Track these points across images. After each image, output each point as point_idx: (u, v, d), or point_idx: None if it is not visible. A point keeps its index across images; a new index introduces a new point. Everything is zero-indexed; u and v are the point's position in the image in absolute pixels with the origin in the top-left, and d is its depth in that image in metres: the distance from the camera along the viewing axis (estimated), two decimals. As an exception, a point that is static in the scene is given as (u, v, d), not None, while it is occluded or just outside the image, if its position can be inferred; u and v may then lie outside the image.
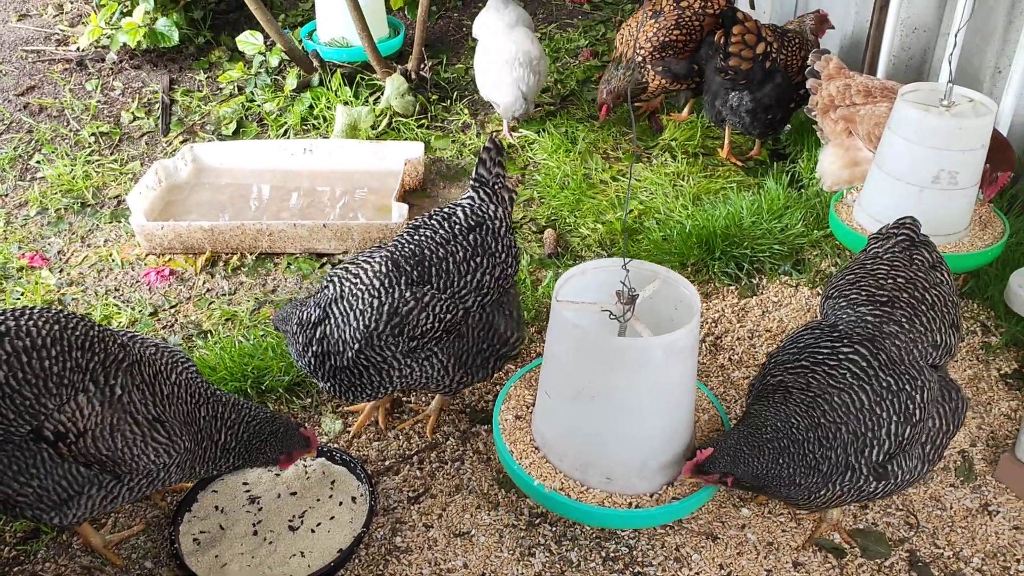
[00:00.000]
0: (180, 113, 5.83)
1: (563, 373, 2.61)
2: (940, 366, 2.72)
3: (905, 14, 4.71)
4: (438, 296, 2.93)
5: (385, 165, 5.04)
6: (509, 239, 3.08)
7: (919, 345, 2.64)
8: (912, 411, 2.53)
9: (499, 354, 3.15)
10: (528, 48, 5.22)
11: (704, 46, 5.10)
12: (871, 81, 4.20)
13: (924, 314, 2.69)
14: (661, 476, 2.68)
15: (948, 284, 2.83)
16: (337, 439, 3.40)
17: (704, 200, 4.70)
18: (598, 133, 5.47)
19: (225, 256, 4.42)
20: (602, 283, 2.72)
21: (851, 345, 2.61)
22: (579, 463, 2.67)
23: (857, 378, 2.54)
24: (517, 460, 2.76)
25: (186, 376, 2.72)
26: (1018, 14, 4.16)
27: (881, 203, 3.65)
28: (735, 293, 4.10)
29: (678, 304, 2.71)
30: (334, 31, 6.10)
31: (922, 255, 2.87)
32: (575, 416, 2.63)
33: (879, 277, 2.78)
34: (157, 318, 4.06)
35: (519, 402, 3.00)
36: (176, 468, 2.67)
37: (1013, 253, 3.93)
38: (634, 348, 2.49)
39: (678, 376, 2.56)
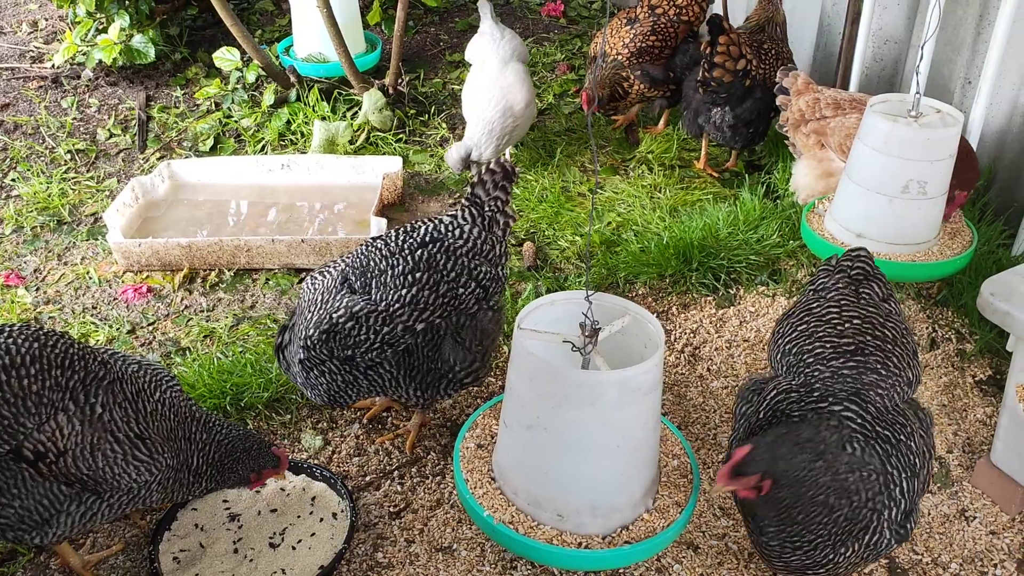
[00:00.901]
0: (157, 130, 5.81)
1: (519, 403, 2.54)
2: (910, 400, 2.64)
3: (876, 26, 4.77)
4: (373, 308, 2.92)
5: (363, 180, 5.05)
6: (475, 264, 3.00)
7: (898, 387, 2.54)
8: (913, 462, 2.41)
9: (447, 378, 3.10)
10: (514, 99, 4.94)
11: (679, 53, 5.18)
12: (839, 94, 4.25)
13: (892, 352, 2.58)
14: (616, 518, 2.59)
15: (899, 314, 2.78)
16: (317, 455, 3.39)
17: (681, 212, 4.74)
18: (575, 146, 5.51)
19: (203, 272, 4.41)
20: (571, 315, 2.64)
21: (839, 402, 2.45)
22: (531, 497, 2.60)
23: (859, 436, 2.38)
24: (471, 490, 2.70)
25: (170, 394, 2.71)
26: (986, 25, 4.24)
27: (851, 213, 3.69)
28: (713, 303, 4.13)
29: (647, 342, 2.64)
30: (311, 47, 6.10)
31: (871, 289, 2.80)
32: (529, 448, 2.56)
33: (834, 323, 2.66)
34: (135, 336, 4.03)
35: (484, 431, 2.94)
36: (157, 486, 2.65)
37: (985, 261, 3.99)
38: (586, 382, 2.41)
39: (634, 416, 2.46)
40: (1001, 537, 3.04)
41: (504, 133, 4.94)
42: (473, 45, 5.27)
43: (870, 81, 4.93)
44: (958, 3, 4.33)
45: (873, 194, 3.58)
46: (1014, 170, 4.34)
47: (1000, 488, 3.14)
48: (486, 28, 5.21)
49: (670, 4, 5.19)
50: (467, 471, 2.77)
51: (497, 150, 4.92)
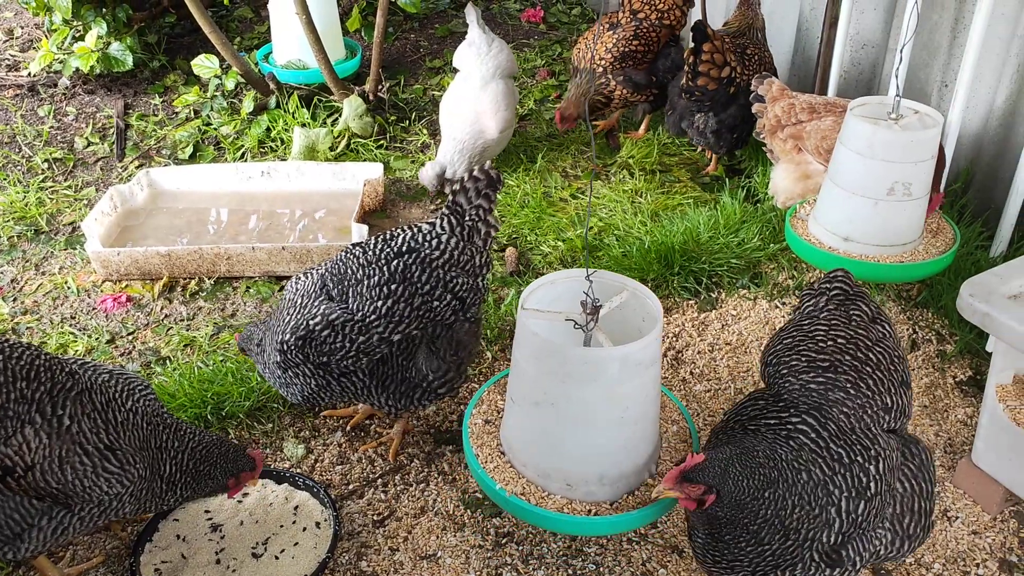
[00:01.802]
0: (135, 138, 5.77)
1: (525, 380, 2.62)
2: (897, 430, 2.58)
3: (854, 30, 4.81)
4: (350, 317, 2.91)
5: (344, 186, 5.03)
6: (452, 275, 2.97)
7: (869, 411, 2.49)
8: (866, 484, 2.36)
9: (421, 389, 3.09)
10: (486, 125, 4.93)
11: (661, 57, 5.20)
12: (814, 98, 4.29)
13: (870, 376, 2.54)
14: (622, 485, 2.68)
15: (892, 338, 2.71)
16: (300, 464, 3.36)
17: (662, 216, 4.75)
18: (556, 152, 5.51)
19: (183, 281, 4.38)
20: (572, 293, 2.72)
21: (798, 415, 2.46)
22: (540, 470, 2.68)
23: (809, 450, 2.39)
24: (482, 464, 2.77)
25: (143, 403, 2.67)
26: (961, 29, 4.28)
27: (838, 217, 3.71)
28: (695, 307, 4.14)
29: (645, 316, 2.72)
30: (290, 53, 6.08)
31: (860, 309, 2.74)
32: (537, 423, 2.64)
33: (818, 340, 2.65)
34: (114, 345, 4.00)
35: (490, 407, 3.00)
36: (130, 497, 2.61)
37: (964, 263, 4.02)
38: (589, 359, 2.49)
39: (636, 389, 2.55)
40: (983, 537, 3.06)
41: (475, 154, 4.98)
42: (460, 53, 5.19)
43: (848, 85, 4.96)
44: (934, 8, 4.37)
45: (859, 198, 3.59)
46: (991, 172, 4.37)
47: (981, 488, 3.16)
48: (474, 37, 5.12)
49: (652, 9, 5.21)
50: (477, 446, 2.84)
51: (469, 168, 4.88)
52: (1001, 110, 4.23)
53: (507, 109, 5.02)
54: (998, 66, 4.17)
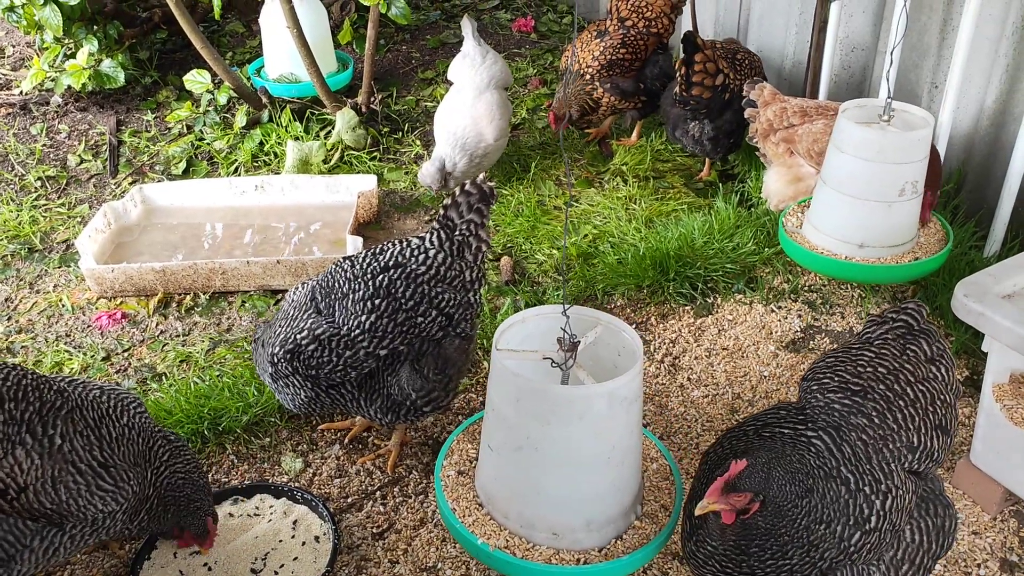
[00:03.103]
0: (128, 154, 5.77)
1: (505, 425, 2.51)
2: (923, 473, 2.48)
3: (843, 34, 4.83)
4: (336, 332, 2.91)
5: (338, 199, 5.03)
6: (438, 291, 2.93)
7: (891, 444, 2.39)
8: (866, 516, 2.28)
9: (406, 406, 3.06)
10: (483, 129, 4.90)
11: (649, 65, 5.22)
12: (806, 102, 4.30)
13: (901, 410, 2.43)
14: (610, 529, 2.59)
15: (943, 381, 2.55)
16: (298, 478, 3.36)
17: (656, 222, 4.75)
18: (550, 160, 5.52)
19: (178, 297, 4.37)
20: (543, 331, 2.63)
21: (815, 430, 2.40)
22: (524, 519, 2.57)
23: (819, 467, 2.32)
24: (460, 519, 2.65)
25: (139, 419, 2.66)
26: (950, 31, 4.29)
27: (851, 225, 3.69)
28: (691, 313, 4.14)
29: (621, 351, 2.63)
30: (282, 67, 6.09)
31: (918, 346, 2.60)
32: (519, 470, 2.53)
33: (859, 364, 2.55)
34: (110, 363, 3.99)
35: (462, 456, 2.88)
36: (123, 515, 2.58)
37: (958, 263, 4.02)
38: (576, 397, 2.39)
39: (623, 425, 2.47)
40: (983, 537, 3.06)
41: (477, 154, 4.90)
42: (454, 65, 5.17)
43: (839, 88, 4.98)
44: (922, 10, 4.39)
45: (873, 203, 3.59)
46: (983, 172, 4.39)
47: (981, 488, 3.15)
48: (468, 49, 5.10)
49: (639, 16, 5.22)
50: (452, 500, 2.71)
51: (471, 163, 4.88)
52: (991, 110, 4.24)
53: (502, 119, 5.03)
54: (987, 67, 4.18)
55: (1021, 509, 3.14)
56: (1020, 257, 3.23)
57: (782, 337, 3.96)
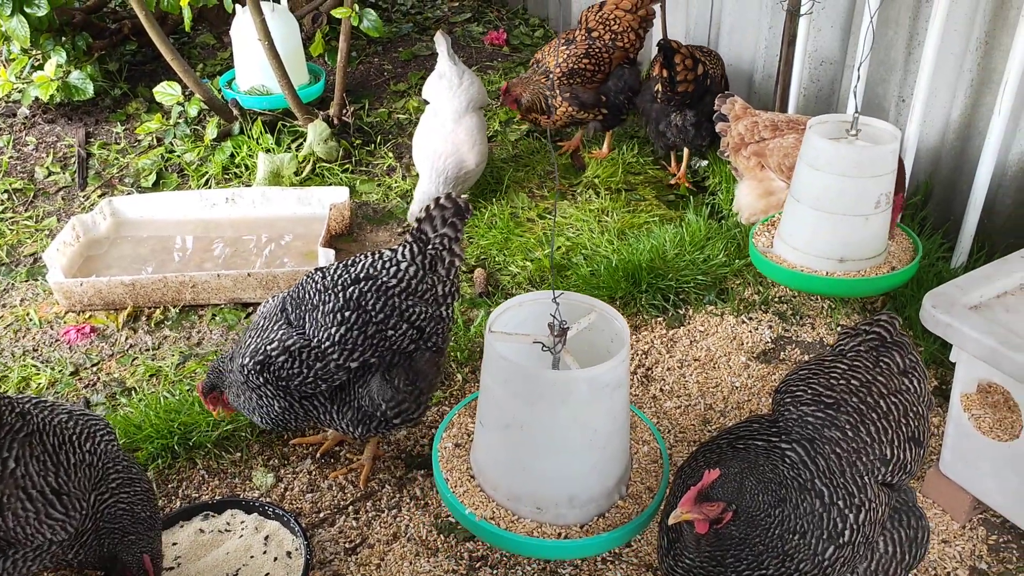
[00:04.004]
0: (97, 166, 5.71)
1: (495, 404, 2.61)
2: (896, 485, 2.49)
3: (812, 48, 4.88)
4: (306, 344, 2.90)
5: (310, 211, 5.01)
6: (408, 304, 2.93)
7: (864, 457, 2.39)
8: (840, 530, 2.29)
9: (376, 418, 3.05)
10: (465, 156, 4.89)
11: (613, 78, 5.28)
12: (777, 116, 4.35)
13: (874, 423, 2.44)
14: (592, 507, 2.67)
15: (916, 393, 2.57)
16: (269, 493, 3.32)
17: (628, 234, 4.77)
18: (523, 172, 5.53)
19: (148, 310, 4.32)
20: (539, 315, 2.71)
21: (788, 442, 2.41)
22: (511, 493, 2.67)
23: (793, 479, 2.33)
24: (452, 488, 2.75)
25: (104, 445, 2.58)
26: (916, 46, 4.36)
27: (830, 241, 3.70)
28: (663, 324, 4.16)
29: (614, 337, 2.71)
30: (253, 79, 6.06)
31: (891, 359, 2.61)
32: (506, 447, 2.63)
33: (832, 377, 2.56)
34: (78, 377, 3.94)
35: (460, 430, 2.97)
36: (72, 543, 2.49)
37: (926, 274, 4.07)
38: (558, 381, 2.48)
39: (605, 410, 2.54)
40: (953, 545, 3.09)
41: (458, 182, 4.93)
42: (430, 85, 5.13)
43: (808, 101, 5.03)
44: (889, 25, 4.45)
45: (851, 217, 3.62)
46: (949, 185, 4.45)
47: (950, 497, 3.19)
48: (444, 68, 5.05)
49: (606, 29, 5.28)
50: (447, 470, 2.81)
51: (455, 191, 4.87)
52: (957, 123, 4.31)
53: (482, 143, 5.04)
54: (952, 81, 4.25)
55: (990, 517, 3.18)
56: (986, 268, 3.28)
57: (753, 348, 3.99)
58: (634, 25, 5.30)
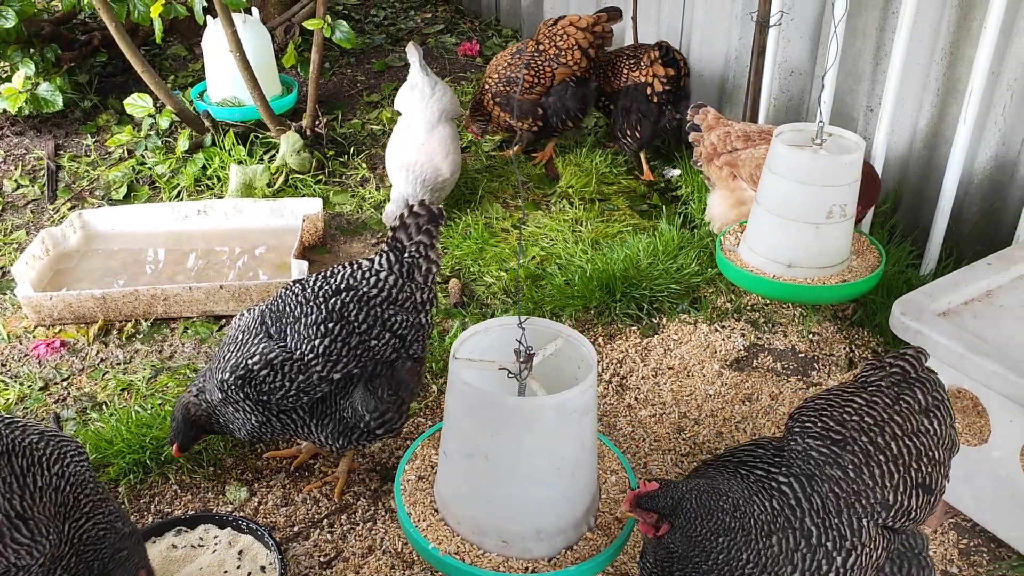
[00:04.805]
0: (67, 179, 5.66)
1: (458, 432, 2.54)
2: (899, 529, 2.39)
3: (782, 58, 4.94)
4: (288, 356, 2.89)
5: (283, 222, 4.99)
6: (390, 313, 2.93)
7: (863, 500, 2.31)
8: (824, 572, 2.24)
9: (359, 429, 3.05)
10: (439, 165, 4.88)
11: (553, 94, 5.37)
12: (749, 126, 4.39)
13: (880, 465, 2.34)
14: (560, 540, 2.59)
15: (935, 435, 2.42)
16: (243, 507, 3.30)
17: (602, 244, 4.79)
18: (497, 183, 5.54)
19: (119, 324, 4.28)
20: (506, 341, 2.63)
21: (787, 476, 2.35)
22: (476, 526, 2.58)
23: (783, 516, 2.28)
24: (414, 522, 2.66)
25: (73, 468, 2.49)
26: (883, 56, 4.42)
27: (780, 244, 3.76)
28: (637, 333, 4.18)
29: (581, 363, 2.65)
30: (225, 91, 6.03)
31: (913, 396, 2.46)
32: (471, 477, 2.55)
33: (847, 411, 2.44)
34: (48, 392, 3.89)
35: (424, 462, 2.90)
36: (38, 568, 2.39)
37: (896, 281, 4.13)
38: (524, 408, 2.41)
39: (572, 438, 2.48)
40: (925, 550, 3.12)
41: (436, 187, 4.91)
42: (402, 96, 5.11)
43: (778, 111, 5.09)
44: (856, 36, 4.52)
45: (800, 224, 3.66)
46: (917, 193, 4.51)
47: (921, 502, 3.22)
48: (416, 79, 5.05)
49: (551, 44, 5.34)
50: (409, 504, 2.73)
51: (431, 198, 4.87)
52: (924, 132, 4.38)
53: (456, 152, 5.04)
54: (919, 91, 4.31)
55: (960, 522, 3.22)
56: (954, 275, 3.33)
57: (726, 356, 4.02)
58: (582, 43, 5.32)
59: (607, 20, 5.40)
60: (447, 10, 8.69)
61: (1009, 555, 3.09)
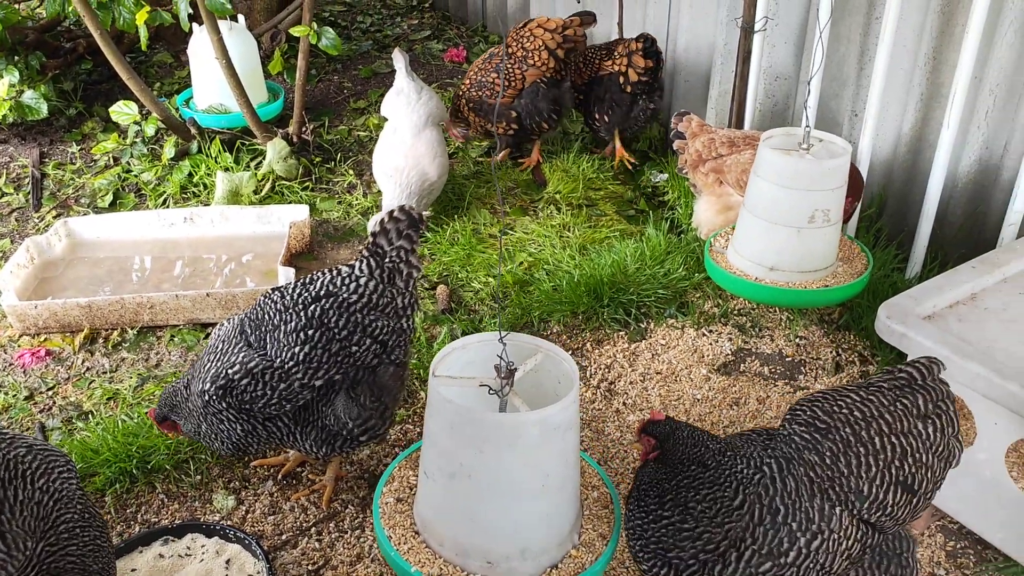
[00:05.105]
0: (52, 187, 5.63)
1: (440, 451, 2.51)
2: (878, 526, 2.41)
3: (767, 63, 4.96)
4: (269, 365, 2.88)
5: (270, 229, 4.97)
6: (371, 319, 2.91)
7: (837, 487, 2.35)
8: (784, 550, 2.31)
9: (342, 436, 3.04)
10: (427, 168, 4.88)
11: (524, 96, 5.39)
12: (733, 132, 4.41)
13: (858, 456, 2.37)
14: (545, 558, 2.58)
15: (927, 439, 2.42)
16: (230, 516, 3.28)
17: (590, 249, 4.80)
18: (484, 189, 5.54)
19: (105, 332, 4.26)
20: (484, 357, 2.63)
21: (769, 457, 2.42)
22: (459, 547, 2.56)
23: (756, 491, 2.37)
24: (395, 546, 2.64)
25: (59, 483, 2.43)
26: (867, 62, 4.45)
27: (762, 247, 3.79)
28: (625, 338, 4.18)
29: (561, 378, 2.65)
30: (211, 98, 6.02)
31: (912, 401, 2.46)
32: (453, 497, 2.53)
33: (839, 404, 2.48)
34: (33, 402, 3.87)
35: (402, 484, 2.87)
36: None
37: (881, 285, 4.15)
38: (506, 424, 2.40)
39: (556, 454, 2.47)
40: (912, 553, 3.13)
41: (423, 194, 4.91)
42: (388, 102, 5.12)
43: (764, 116, 5.11)
44: (841, 41, 4.54)
45: (782, 227, 3.68)
46: (902, 197, 4.54)
47: (908, 505, 3.23)
48: (402, 85, 5.06)
49: (519, 47, 5.35)
50: (389, 527, 2.70)
51: (418, 204, 4.87)
52: (908, 137, 4.40)
53: (443, 155, 5.03)
54: (903, 96, 4.34)
55: (947, 524, 3.23)
56: (938, 279, 3.35)
57: (713, 360, 4.03)
58: (550, 44, 5.33)
59: (579, 24, 5.41)
60: (434, 16, 8.71)
61: (995, 557, 3.11)
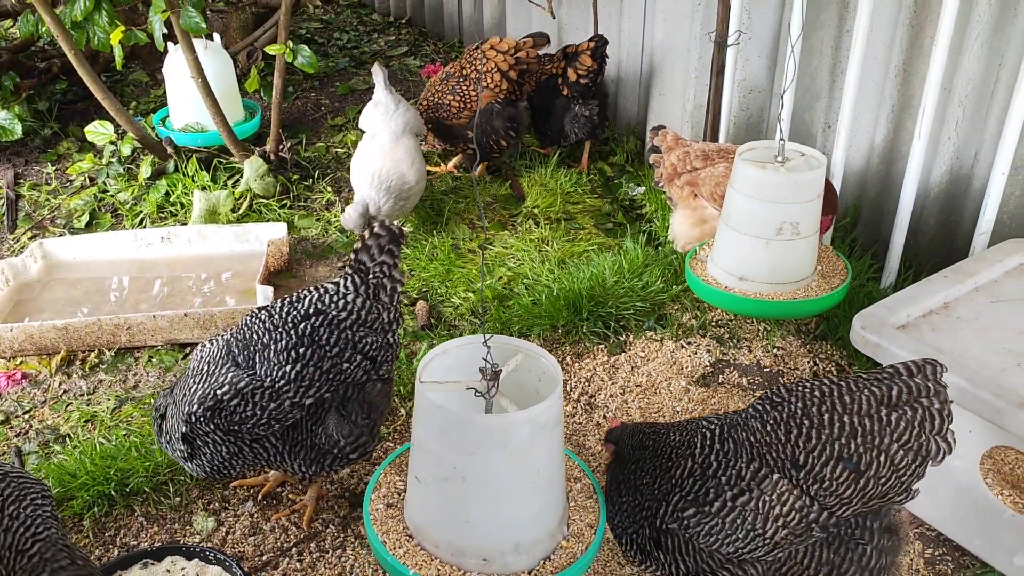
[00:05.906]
0: (27, 208, 5.60)
1: (431, 456, 2.53)
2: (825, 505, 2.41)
3: (740, 77, 5.01)
4: (259, 384, 2.88)
5: (248, 248, 4.96)
6: (360, 335, 2.94)
7: (772, 452, 2.44)
8: (709, 500, 2.48)
9: (332, 455, 3.04)
10: (405, 171, 4.87)
11: (480, 115, 5.45)
12: (708, 145, 4.45)
13: (799, 428, 2.42)
14: (538, 551, 2.63)
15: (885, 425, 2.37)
16: (210, 537, 3.26)
17: (569, 263, 4.82)
18: (463, 204, 5.56)
19: (82, 354, 4.23)
20: (465, 361, 2.66)
21: (717, 423, 2.62)
22: (454, 548, 2.59)
23: (690, 450, 2.61)
24: (391, 551, 2.65)
25: (30, 510, 2.41)
26: (839, 74, 4.50)
27: (732, 258, 3.82)
28: (604, 351, 4.20)
29: (541, 376, 2.69)
30: (187, 117, 6.01)
31: (881, 391, 2.41)
32: (447, 500, 2.55)
33: (803, 385, 2.52)
34: (9, 426, 3.83)
35: (390, 489, 2.88)
36: None
37: (857, 295, 4.18)
38: (498, 425, 2.43)
39: (546, 450, 2.51)
40: (891, 561, 3.15)
41: (401, 194, 4.88)
42: (367, 114, 5.15)
43: (739, 129, 5.15)
44: (813, 54, 4.60)
45: (750, 238, 3.71)
46: (876, 207, 4.59)
47: (886, 513, 3.25)
48: (380, 97, 5.10)
49: (472, 68, 5.40)
50: (382, 533, 2.72)
51: (395, 205, 4.85)
52: (881, 148, 4.45)
53: (420, 162, 5.04)
54: (874, 107, 4.40)
55: (925, 532, 3.26)
56: (912, 289, 3.39)
57: (692, 372, 4.05)
58: (501, 66, 5.37)
59: (532, 45, 5.45)
60: (411, 33, 8.74)
61: (973, 563, 3.13)
